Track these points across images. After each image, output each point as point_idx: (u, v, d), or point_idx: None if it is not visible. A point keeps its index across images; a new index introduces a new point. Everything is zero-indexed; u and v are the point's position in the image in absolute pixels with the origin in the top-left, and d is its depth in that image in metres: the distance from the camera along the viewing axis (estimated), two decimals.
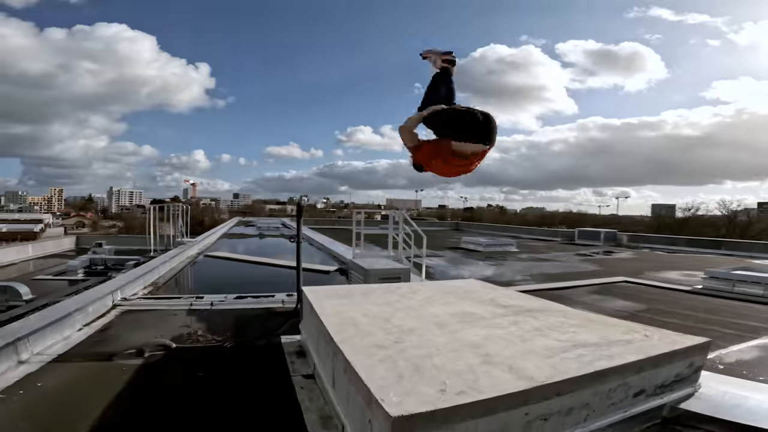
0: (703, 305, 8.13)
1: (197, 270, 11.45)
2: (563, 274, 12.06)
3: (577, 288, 9.91)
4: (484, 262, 14.84)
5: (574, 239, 24.09)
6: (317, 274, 9.86)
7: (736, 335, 6.18)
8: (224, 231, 22.38)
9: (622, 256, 17.22)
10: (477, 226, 36.74)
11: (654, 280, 10.98)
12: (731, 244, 19.76)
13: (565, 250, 19.59)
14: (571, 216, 74.07)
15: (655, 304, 8.19)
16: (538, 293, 9.38)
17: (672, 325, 5.94)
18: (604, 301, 8.50)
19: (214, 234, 19.34)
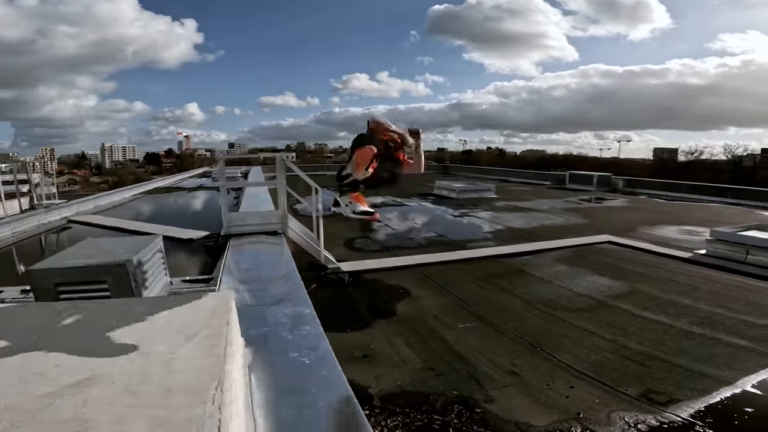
0: (705, 286, 5.93)
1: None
2: (535, 230, 9.85)
3: (546, 253, 7.72)
4: (446, 213, 12.61)
5: (564, 183, 21.72)
6: (176, 242, 7.12)
7: (751, 352, 4.04)
8: (157, 185, 18.93)
9: (614, 204, 14.95)
10: (466, 169, 34.17)
11: (646, 240, 8.77)
12: (738, 192, 17.35)
13: (551, 196, 17.27)
14: (571, 158, 73.29)
15: (639, 284, 5.99)
16: (491, 260, 7.33)
17: (650, 335, 4.15)
18: (573, 277, 6.32)
19: (130, 190, 15.93)
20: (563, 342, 4.25)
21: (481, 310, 5.04)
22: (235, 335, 2.01)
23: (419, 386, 3.49)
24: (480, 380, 3.57)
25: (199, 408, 1.16)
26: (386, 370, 3.73)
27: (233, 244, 5.48)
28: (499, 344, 4.21)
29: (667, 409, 3.14)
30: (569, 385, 3.49)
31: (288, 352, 2.35)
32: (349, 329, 4.50)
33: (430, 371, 3.73)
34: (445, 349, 4.10)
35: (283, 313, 2.94)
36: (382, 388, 3.45)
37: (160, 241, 3.56)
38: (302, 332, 2.60)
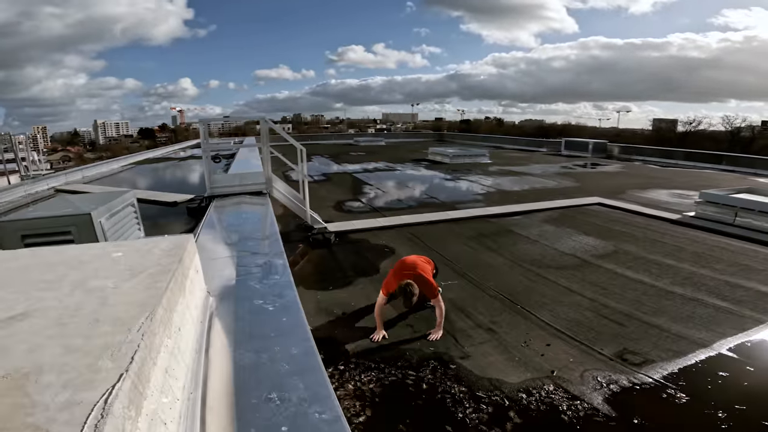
0: (690, 246, 5.92)
1: None
2: (526, 192, 9.78)
3: (535, 213, 7.68)
4: (438, 177, 12.49)
5: (560, 150, 21.49)
6: (161, 206, 7.01)
7: (730, 314, 4.04)
8: (148, 156, 18.34)
9: (607, 169, 14.83)
10: (462, 137, 33.69)
11: (635, 202, 8.72)
12: (733, 159, 17.22)
13: (546, 161, 17.13)
14: (569, 128, 73.11)
15: (625, 244, 5.98)
16: (480, 221, 7.28)
17: (631, 294, 4.09)
18: (557, 236, 6.29)
19: (119, 161, 15.45)
20: (543, 300, 4.24)
21: (466, 268, 5.02)
22: (192, 275, 1.95)
23: (396, 342, 3.49)
24: (457, 337, 3.57)
25: (121, 335, 1.10)
26: (364, 326, 3.73)
27: (216, 204, 5.38)
28: (479, 301, 4.21)
29: (640, 370, 3.10)
30: (546, 343, 3.47)
31: (253, 300, 2.30)
32: (332, 287, 4.48)
33: (409, 327, 3.73)
34: (425, 306, 4.08)
35: (255, 264, 2.88)
36: (358, 344, 3.45)
37: (131, 196, 3.44)
38: (271, 281, 2.55)
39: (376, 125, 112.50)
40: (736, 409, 2.64)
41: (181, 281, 1.67)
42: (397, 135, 40.34)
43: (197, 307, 1.93)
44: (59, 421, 0.85)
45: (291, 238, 6.16)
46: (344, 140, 31.06)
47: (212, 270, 2.80)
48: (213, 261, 2.98)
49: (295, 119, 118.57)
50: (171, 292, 1.45)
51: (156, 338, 1.17)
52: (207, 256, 3.13)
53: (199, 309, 1.99)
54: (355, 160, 17.65)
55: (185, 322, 1.59)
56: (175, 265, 1.66)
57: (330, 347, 3.39)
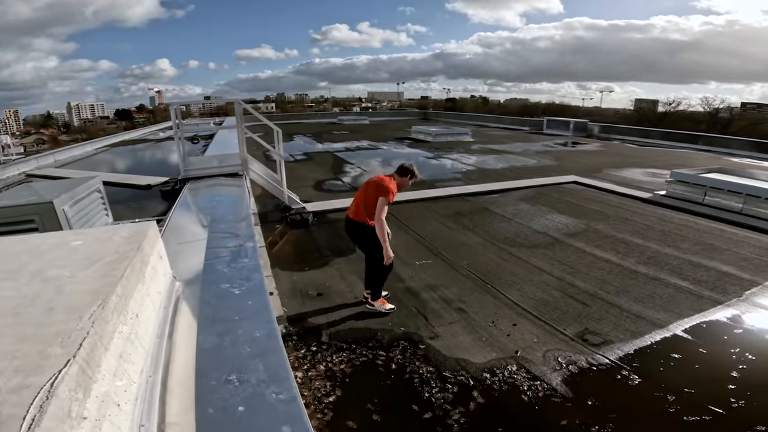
0: (658, 225, 6.13)
1: None
2: (505, 171, 9.89)
3: (512, 192, 7.80)
4: (420, 155, 12.49)
5: (542, 129, 21.63)
6: (134, 189, 6.78)
7: (689, 294, 4.23)
8: (123, 138, 17.64)
9: (586, 148, 15.03)
10: (446, 115, 33.56)
11: (610, 181, 8.91)
12: (709, 139, 17.62)
13: (528, 140, 17.24)
14: (553, 107, 73.88)
15: (596, 222, 6.15)
16: (458, 199, 7.36)
17: (597, 273, 4.21)
18: (532, 215, 6.43)
19: (93, 144, 14.73)
20: (513, 279, 4.37)
21: (441, 246, 5.12)
22: (154, 262, 1.97)
23: (368, 322, 3.58)
24: (428, 317, 3.67)
25: (72, 323, 1.13)
26: (338, 307, 3.81)
27: (190, 186, 5.32)
28: (451, 281, 4.31)
29: (598, 351, 3.22)
30: (512, 323, 3.59)
31: (220, 284, 2.34)
32: (308, 267, 4.54)
33: None
34: (399, 286, 4.18)
35: (225, 247, 2.90)
36: (331, 325, 3.53)
37: (97, 182, 3.37)
38: (239, 265, 2.58)
39: (361, 104, 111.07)
40: (684, 392, 2.76)
41: (140, 268, 1.69)
42: (382, 113, 39.90)
43: (160, 292, 1.96)
44: (9, 403, 0.90)
45: (269, 218, 6.17)
46: (328, 119, 30.61)
47: (181, 254, 2.81)
48: (183, 245, 2.99)
49: (278, 98, 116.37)
50: (127, 279, 1.48)
51: (108, 325, 1.21)
52: (177, 240, 3.13)
53: (163, 294, 2.02)
54: (338, 138, 17.48)
55: (144, 308, 1.63)
56: (134, 252, 1.67)
57: (303, 328, 3.47)
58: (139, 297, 1.59)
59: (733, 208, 6.72)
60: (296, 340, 3.33)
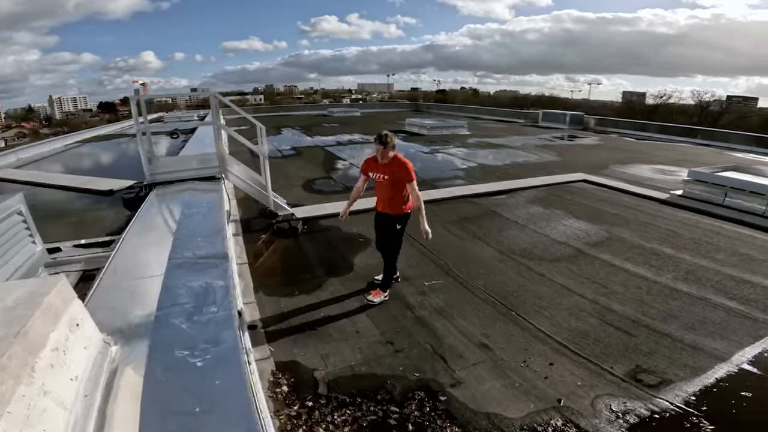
0: (685, 231, 5.56)
1: None
2: (508, 168, 9.25)
3: (519, 192, 7.17)
4: (415, 150, 11.79)
5: (537, 121, 21.08)
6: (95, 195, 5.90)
7: (743, 318, 3.66)
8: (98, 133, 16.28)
9: (586, 142, 14.49)
10: (438, 107, 32.76)
11: (620, 178, 8.35)
12: (708, 134, 17.24)
13: (524, 133, 16.66)
14: (543, 99, 74.63)
15: (618, 228, 5.56)
16: (462, 201, 6.71)
17: (634, 293, 3.51)
18: (548, 220, 5.80)
19: (64, 140, 13.44)
20: (540, 303, 3.73)
21: (451, 261, 4.46)
22: (60, 334, 1.25)
23: (375, 366, 2.91)
24: (446, 357, 3.02)
25: None
26: (337, 345, 3.12)
27: (156, 193, 4.53)
28: (469, 307, 3.66)
29: (658, 394, 2.66)
30: (548, 362, 2.97)
31: (175, 349, 1.64)
32: (298, 291, 3.83)
33: (389, 345, 3.15)
34: (407, 315, 3.52)
35: (186, 287, 2.19)
36: (330, 371, 2.85)
37: (17, 201, 2.59)
38: (205, 317, 1.88)
39: (351, 95, 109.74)
40: None
41: (29, 347, 0.98)
42: (373, 105, 38.96)
43: (76, 378, 1.26)
44: None
45: (252, 226, 5.44)
46: (318, 111, 29.65)
47: (126, 297, 2.10)
48: (134, 283, 2.28)
49: (267, 90, 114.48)
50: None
51: None
52: (126, 273, 2.41)
53: (82, 379, 1.31)
54: (329, 132, 16.66)
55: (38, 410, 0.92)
56: (28, 321, 0.97)
57: (295, 375, 2.78)
58: (22, 393, 0.89)
59: (756, 210, 6.21)
60: (287, 391, 2.64)
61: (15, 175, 7.29)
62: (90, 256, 3.02)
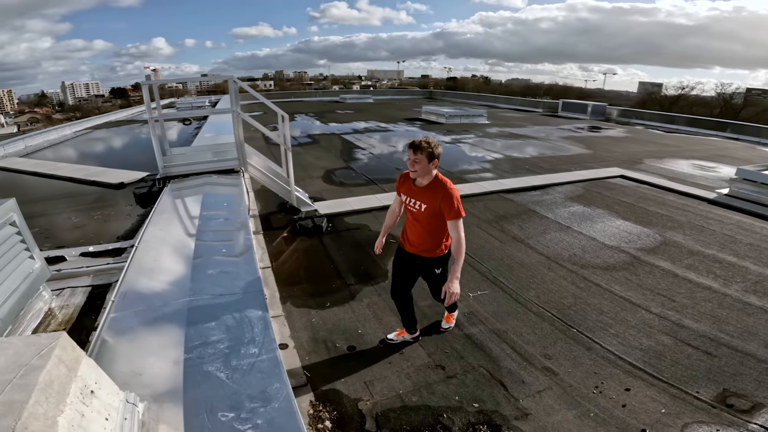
0: (743, 236, 5.09)
1: None
2: (537, 160, 8.73)
3: (555, 188, 6.69)
4: (438, 140, 11.27)
5: (557, 111, 20.38)
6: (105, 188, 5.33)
7: None
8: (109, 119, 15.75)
9: (612, 134, 13.85)
10: (453, 95, 32.07)
11: (659, 174, 7.84)
12: (737, 127, 16.46)
13: (545, 123, 16.04)
14: (556, 88, 73.44)
15: (670, 232, 5.09)
16: (495, 197, 6.23)
17: (704, 307, 3.12)
18: (592, 220, 5.34)
19: (73, 126, 12.95)
20: (603, 319, 3.31)
21: (494, 268, 4.04)
22: (72, 407, 0.86)
23: (426, 396, 2.51)
24: (506, 383, 2.62)
25: None
26: (380, 369, 2.73)
27: (171, 189, 4.12)
28: (522, 322, 3.25)
29: (752, 419, 2.35)
30: (623, 387, 2.60)
31: (216, 410, 1.25)
32: (329, 303, 3.43)
33: (439, 370, 2.75)
34: (455, 333, 3.12)
35: (216, 318, 1.80)
36: (376, 402, 2.46)
37: (9, 208, 2.11)
38: (244, 361, 1.49)
39: (361, 82, 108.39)
40: None
41: None
42: (385, 92, 38.21)
43: None
44: None
45: (272, 223, 5.03)
46: (330, 97, 29.11)
47: (145, 331, 1.70)
48: (149, 310, 1.88)
49: (277, 76, 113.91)
50: None
51: None
52: (141, 296, 2.01)
53: None
54: (343, 119, 16.18)
55: None
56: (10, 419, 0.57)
57: (338, 407, 2.40)
58: None
59: None
60: (331, 428, 2.26)
61: (20, 164, 6.91)
62: (99, 267, 2.63)
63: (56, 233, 3.69)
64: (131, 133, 12.76)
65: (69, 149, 9.52)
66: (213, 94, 42.20)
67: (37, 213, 4.27)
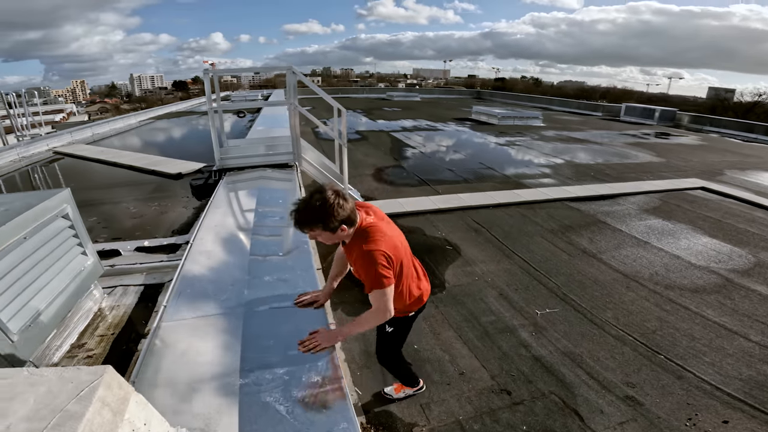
0: None
1: None
2: (602, 167, 8.08)
3: (626, 198, 6.10)
4: (489, 141, 10.79)
5: (619, 115, 19.14)
6: (163, 178, 5.25)
7: None
8: (170, 110, 16.42)
9: (684, 141, 12.73)
10: (501, 95, 31.07)
11: (743, 187, 7.00)
12: None
13: (606, 127, 15.06)
14: (614, 91, 69.71)
15: (765, 253, 4.44)
16: (558, 205, 5.72)
17: None
18: (674, 236, 4.77)
19: (137, 116, 13.44)
20: (694, 345, 2.88)
21: (563, 284, 3.64)
22: None
23: (490, 425, 2.21)
24: (582, 413, 2.28)
25: None
26: (438, 390, 2.45)
27: (227, 181, 4.03)
28: (600, 345, 2.86)
29: None
30: (721, 419, 2.25)
31: None
32: None
33: (504, 395, 2.43)
34: (522, 354, 2.77)
35: (274, 333, 1.59)
36: (433, 427, 2.19)
37: (62, 201, 1.88)
38: (307, 392, 1.27)
39: (407, 80, 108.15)
40: None
41: None
42: (431, 91, 37.73)
43: None
44: None
45: None
46: (376, 94, 29.07)
47: (196, 349, 1.51)
48: (201, 321, 1.71)
49: (324, 72, 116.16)
50: None
51: None
52: (192, 303, 1.84)
53: None
54: (391, 116, 16.00)
55: None
56: None
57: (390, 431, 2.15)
58: None
59: None
60: None
61: (86, 151, 7.20)
62: (153, 264, 2.53)
63: (114, 223, 3.69)
64: (189, 124, 13.17)
65: (133, 137, 9.89)
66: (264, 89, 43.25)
67: (97, 200, 4.33)
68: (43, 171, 6.12)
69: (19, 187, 5.23)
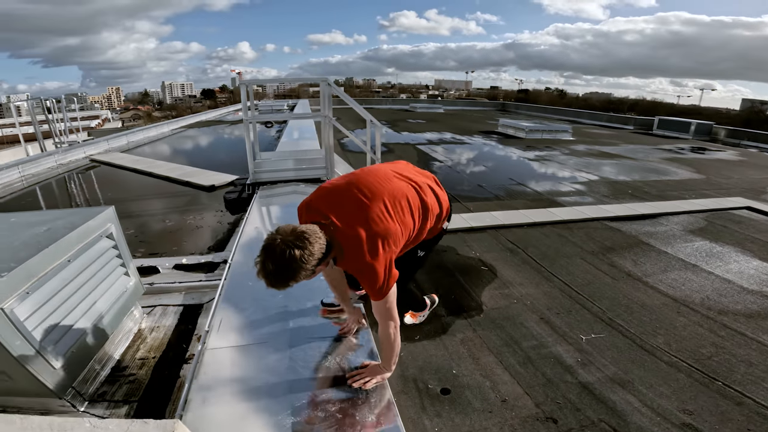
0: None
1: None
2: (639, 184, 7.80)
3: (668, 218, 5.83)
4: (518, 156, 10.60)
5: (651, 129, 18.62)
6: (196, 189, 5.39)
7: None
8: (199, 119, 16.96)
9: (722, 156, 12.22)
10: (527, 108, 30.69)
11: None
12: None
13: (639, 141, 14.64)
14: (643, 103, 68.01)
15: None
16: (597, 225, 5.45)
17: None
18: (723, 259, 4.50)
19: (170, 125, 14.03)
20: (754, 371, 2.68)
21: (608, 308, 3.45)
22: None
23: None
24: None
25: None
26: (480, 418, 2.32)
27: (260, 196, 4.02)
28: (652, 372, 2.68)
29: None
30: None
31: None
32: (419, 336, 3.07)
33: (550, 423, 2.28)
34: (568, 380, 2.62)
35: (324, 372, 1.51)
36: None
37: (107, 218, 1.82)
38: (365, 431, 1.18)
39: (429, 91, 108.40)
40: None
41: None
42: (454, 102, 37.68)
43: None
44: None
45: None
46: (399, 105, 29.21)
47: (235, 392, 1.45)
48: (241, 357, 1.65)
49: (346, 83, 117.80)
50: None
51: None
52: (231, 333, 1.79)
53: None
54: (416, 128, 16.00)
55: None
56: None
57: None
58: None
59: None
60: None
61: (122, 159, 7.43)
62: (191, 284, 2.51)
63: (150, 236, 3.72)
64: (217, 133, 13.51)
65: (165, 146, 10.20)
66: (289, 98, 43.87)
67: (134, 212, 4.41)
68: (80, 179, 6.34)
69: (56, 195, 5.38)
